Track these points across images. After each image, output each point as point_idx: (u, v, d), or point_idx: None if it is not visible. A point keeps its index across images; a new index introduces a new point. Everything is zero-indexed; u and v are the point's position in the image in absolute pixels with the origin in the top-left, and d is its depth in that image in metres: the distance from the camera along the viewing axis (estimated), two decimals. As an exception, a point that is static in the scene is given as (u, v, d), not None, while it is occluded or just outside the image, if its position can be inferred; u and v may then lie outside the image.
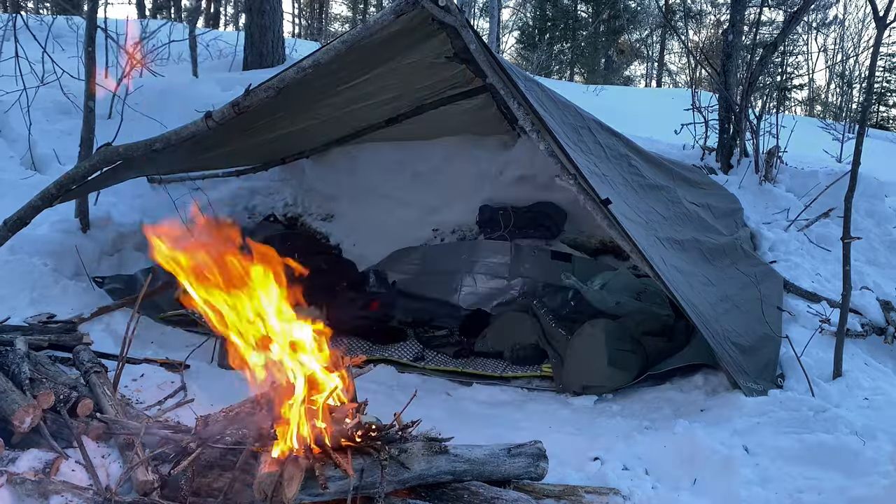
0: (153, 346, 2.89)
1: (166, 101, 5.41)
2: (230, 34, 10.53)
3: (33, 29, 5.05)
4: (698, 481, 2.13)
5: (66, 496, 1.68)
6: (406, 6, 2.46)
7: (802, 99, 21.69)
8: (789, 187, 4.77)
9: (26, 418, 1.85)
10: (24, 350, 2.25)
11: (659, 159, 3.69)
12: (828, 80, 23.86)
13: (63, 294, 3.15)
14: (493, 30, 10.11)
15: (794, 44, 17.41)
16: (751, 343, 2.88)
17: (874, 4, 2.99)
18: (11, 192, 3.87)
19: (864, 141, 2.86)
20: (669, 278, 2.68)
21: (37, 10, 12.79)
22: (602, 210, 2.53)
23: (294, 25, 25.84)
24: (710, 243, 3.41)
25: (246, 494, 1.66)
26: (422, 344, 3.18)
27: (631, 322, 3.20)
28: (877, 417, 2.47)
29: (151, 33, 6.66)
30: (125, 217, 4.06)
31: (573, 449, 2.33)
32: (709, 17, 21.17)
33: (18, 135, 4.89)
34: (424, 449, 1.75)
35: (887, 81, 18.90)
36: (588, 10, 23.51)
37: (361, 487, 1.63)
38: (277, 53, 7.40)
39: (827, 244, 4.08)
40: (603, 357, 2.85)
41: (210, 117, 2.74)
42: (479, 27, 14.45)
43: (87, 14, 4.03)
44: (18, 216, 3.02)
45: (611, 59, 23.41)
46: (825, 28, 21.50)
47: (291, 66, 2.75)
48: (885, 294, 3.51)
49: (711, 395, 2.73)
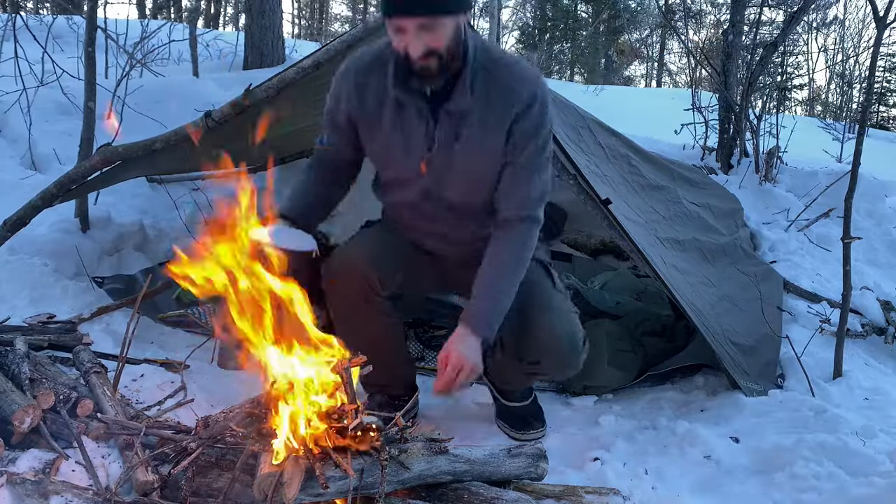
0: (153, 346, 2.88)
1: (166, 101, 5.41)
2: (230, 34, 10.54)
3: (33, 29, 5.04)
4: (698, 481, 2.13)
5: (66, 496, 1.68)
6: (406, 6, 2.46)
7: (802, 99, 21.70)
8: (789, 187, 4.78)
9: (26, 418, 1.85)
10: (24, 350, 2.25)
11: (659, 159, 3.69)
12: (828, 80, 23.87)
13: (63, 294, 3.14)
14: (493, 30, 10.11)
15: (794, 44, 17.39)
16: (751, 343, 2.89)
17: (874, 4, 2.99)
18: (11, 192, 3.86)
19: (864, 141, 2.86)
20: (669, 278, 2.68)
21: (37, 10, 12.80)
22: (602, 210, 2.53)
23: (294, 25, 25.86)
24: (710, 243, 3.41)
25: (246, 494, 1.66)
26: (422, 344, 3.18)
27: (631, 322, 3.21)
28: (877, 417, 2.47)
29: (151, 33, 6.65)
30: (125, 217, 4.06)
31: (573, 449, 2.33)
32: (709, 17, 21.16)
33: (18, 135, 4.89)
34: (424, 449, 1.75)
35: (887, 81, 18.92)
36: (588, 10, 23.53)
37: (361, 487, 1.63)
38: (277, 53, 7.41)
39: (827, 244, 4.08)
40: (603, 357, 2.85)
41: (210, 117, 2.74)
42: (479, 27, 14.50)
43: (87, 14, 4.03)
44: (18, 216, 3.02)
45: (611, 59, 23.42)
46: (825, 28, 21.51)
47: (291, 66, 2.75)
48: (886, 294, 3.51)
49: (712, 396, 2.73)
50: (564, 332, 2.20)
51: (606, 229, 2.66)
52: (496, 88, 2.02)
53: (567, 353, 2.23)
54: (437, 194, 2.18)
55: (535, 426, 2.40)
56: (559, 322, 2.20)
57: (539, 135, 2.05)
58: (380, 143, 2.16)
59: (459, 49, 1.96)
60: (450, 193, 2.16)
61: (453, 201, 2.18)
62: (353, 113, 2.15)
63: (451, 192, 2.16)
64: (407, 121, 2.08)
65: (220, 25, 20.10)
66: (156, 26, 7.23)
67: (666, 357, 2.94)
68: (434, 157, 2.09)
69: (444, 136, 2.07)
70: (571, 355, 2.23)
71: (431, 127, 2.07)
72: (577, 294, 3.39)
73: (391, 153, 2.15)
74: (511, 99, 2.01)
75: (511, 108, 2.02)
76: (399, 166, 2.18)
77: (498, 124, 2.03)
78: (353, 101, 2.14)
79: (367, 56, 2.13)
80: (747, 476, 2.14)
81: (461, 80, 2.00)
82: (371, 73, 2.10)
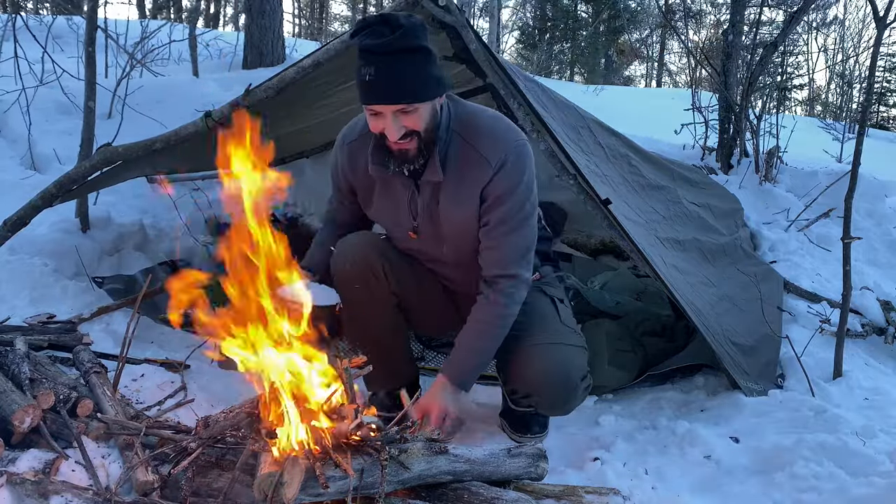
0: (153, 346, 2.88)
1: (166, 101, 5.41)
2: (230, 34, 10.54)
3: (33, 29, 5.05)
4: (698, 481, 2.13)
5: (66, 496, 1.68)
6: (406, 6, 2.47)
7: (802, 99, 21.72)
8: (789, 187, 4.78)
9: (26, 418, 1.85)
10: (24, 350, 2.25)
11: (659, 159, 3.69)
12: (828, 80, 23.88)
13: (63, 294, 3.14)
14: (493, 30, 10.13)
15: (794, 44, 17.41)
16: (751, 343, 2.89)
17: (874, 4, 2.99)
18: (11, 192, 3.87)
19: (864, 141, 2.86)
20: (669, 278, 2.68)
21: (36, 10, 12.80)
22: (602, 210, 2.53)
23: (294, 25, 25.86)
24: (710, 243, 3.41)
25: (246, 494, 1.65)
26: (422, 344, 3.17)
27: (631, 322, 3.21)
28: (877, 417, 2.47)
29: (151, 33, 6.66)
30: (125, 217, 4.06)
31: (573, 449, 2.33)
32: (709, 17, 21.18)
33: (18, 135, 4.90)
34: (424, 449, 1.75)
35: (887, 81, 18.92)
36: (588, 10, 23.52)
37: (361, 487, 1.63)
38: (277, 53, 7.41)
39: (827, 244, 4.08)
40: (603, 357, 2.85)
41: (210, 117, 2.74)
42: (479, 27, 14.48)
43: (87, 14, 4.03)
44: (18, 216, 3.01)
45: (611, 59, 23.43)
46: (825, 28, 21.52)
47: (291, 66, 2.75)
48: (886, 294, 3.51)
49: (712, 396, 2.73)
50: (558, 372, 2.17)
51: (606, 229, 2.66)
52: (467, 159, 2.06)
53: (559, 392, 2.20)
54: (431, 254, 2.28)
55: (535, 430, 2.39)
56: (553, 360, 2.17)
57: (514, 194, 2.07)
58: (373, 210, 2.27)
59: (434, 126, 2.01)
60: (443, 252, 2.24)
61: (447, 259, 2.27)
62: (350, 180, 2.26)
63: (445, 251, 2.24)
64: (392, 192, 2.18)
65: (220, 25, 20.11)
66: (156, 26, 7.25)
67: (666, 357, 2.94)
68: (420, 224, 2.19)
69: (425, 206, 2.15)
70: (564, 394, 2.21)
71: (415, 197, 2.15)
72: (577, 294, 3.39)
73: (383, 221, 2.31)
74: (482, 167, 2.05)
75: (482, 175, 2.05)
76: (393, 232, 2.30)
77: (469, 193, 2.08)
78: (348, 171, 2.25)
79: (357, 127, 2.22)
80: (747, 476, 2.14)
81: (433, 156, 2.04)
82: (362, 146, 2.16)
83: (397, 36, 1.84)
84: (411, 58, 1.87)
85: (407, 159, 2.01)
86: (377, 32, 1.86)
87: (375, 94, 1.90)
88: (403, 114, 1.92)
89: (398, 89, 1.88)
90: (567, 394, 2.21)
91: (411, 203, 2.16)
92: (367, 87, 1.90)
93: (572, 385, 2.20)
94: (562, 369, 2.18)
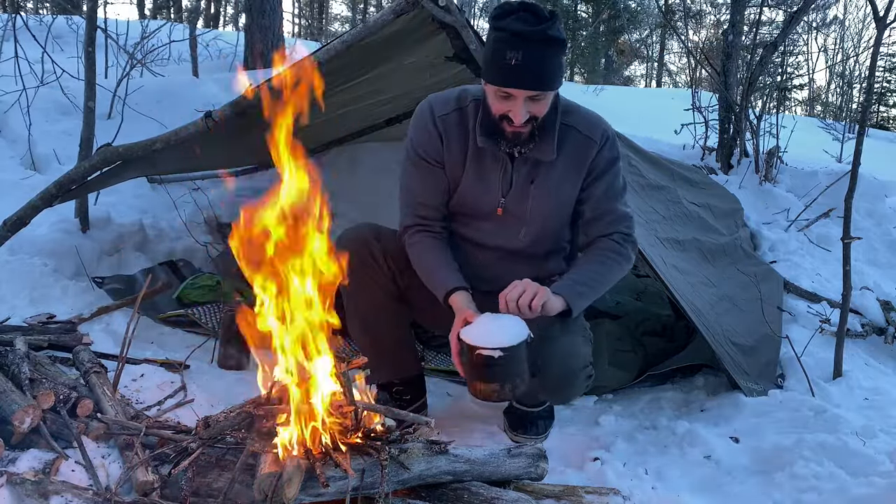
0: (153, 346, 2.88)
1: (166, 101, 5.41)
2: (230, 34, 10.54)
3: (33, 29, 5.06)
4: (698, 481, 2.13)
5: (66, 496, 1.68)
6: (406, 6, 2.46)
7: (802, 99, 21.73)
8: (789, 187, 4.78)
9: (26, 418, 1.85)
10: (24, 350, 2.25)
11: (659, 159, 3.69)
12: (828, 80, 23.90)
13: (63, 294, 3.14)
14: (493, 30, 10.12)
15: (794, 44, 17.41)
16: (751, 343, 2.89)
17: (874, 4, 3.00)
18: (11, 192, 3.87)
19: (864, 141, 2.86)
20: (669, 278, 2.68)
21: (36, 10, 12.80)
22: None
23: (294, 25, 25.86)
24: (710, 243, 3.41)
25: (246, 494, 1.65)
26: (422, 344, 3.17)
27: (631, 322, 3.21)
28: (877, 417, 2.47)
29: (151, 33, 6.66)
30: (125, 217, 4.06)
31: (573, 449, 2.32)
32: (709, 17, 21.19)
33: (18, 135, 4.89)
34: (424, 449, 1.75)
35: (887, 81, 18.94)
36: (588, 10, 23.53)
37: (361, 487, 1.63)
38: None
39: (827, 244, 4.08)
40: (603, 357, 2.84)
41: (210, 117, 2.74)
42: (479, 27, 14.46)
43: (87, 14, 4.04)
44: (18, 216, 3.01)
45: (611, 59, 23.43)
46: (825, 28, 21.53)
47: (291, 66, 2.74)
48: (886, 294, 3.52)
49: (712, 396, 2.73)
50: (561, 353, 2.15)
51: (606, 229, 2.66)
52: (572, 140, 2.13)
53: (559, 374, 2.17)
54: (501, 237, 2.23)
55: (532, 432, 2.37)
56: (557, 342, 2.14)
57: (615, 165, 2.18)
58: (461, 186, 2.21)
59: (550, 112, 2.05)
60: (520, 235, 2.21)
61: (516, 245, 2.23)
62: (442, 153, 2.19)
63: (522, 234, 2.21)
64: (483, 168, 2.16)
65: (220, 25, 20.09)
66: (156, 26, 7.24)
67: (666, 357, 2.94)
68: (508, 202, 2.18)
69: (519, 184, 2.16)
70: (564, 377, 2.18)
71: (507, 174, 2.15)
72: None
73: (468, 196, 2.22)
74: (588, 145, 2.14)
75: (589, 152, 2.14)
76: (475, 207, 2.22)
77: (577, 170, 2.15)
78: (441, 144, 2.19)
79: (451, 102, 2.18)
80: (747, 476, 2.14)
81: (548, 138, 2.08)
82: (458, 120, 2.15)
83: (549, 25, 1.88)
84: (556, 48, 1.92)
85: (519, 141, 2.04)
86: (525, 19, 1.89)
87: (518, 79, 1.91)
88: (533, 101, 1.96)
89: (541, 76, 1.91)
90: (567, 377, 2.19)
91: (502, 180, 2.15)
92: (511, 71, 1.90)
93: (573, 369, 2.18)
94: (564, 351, 2.16)
